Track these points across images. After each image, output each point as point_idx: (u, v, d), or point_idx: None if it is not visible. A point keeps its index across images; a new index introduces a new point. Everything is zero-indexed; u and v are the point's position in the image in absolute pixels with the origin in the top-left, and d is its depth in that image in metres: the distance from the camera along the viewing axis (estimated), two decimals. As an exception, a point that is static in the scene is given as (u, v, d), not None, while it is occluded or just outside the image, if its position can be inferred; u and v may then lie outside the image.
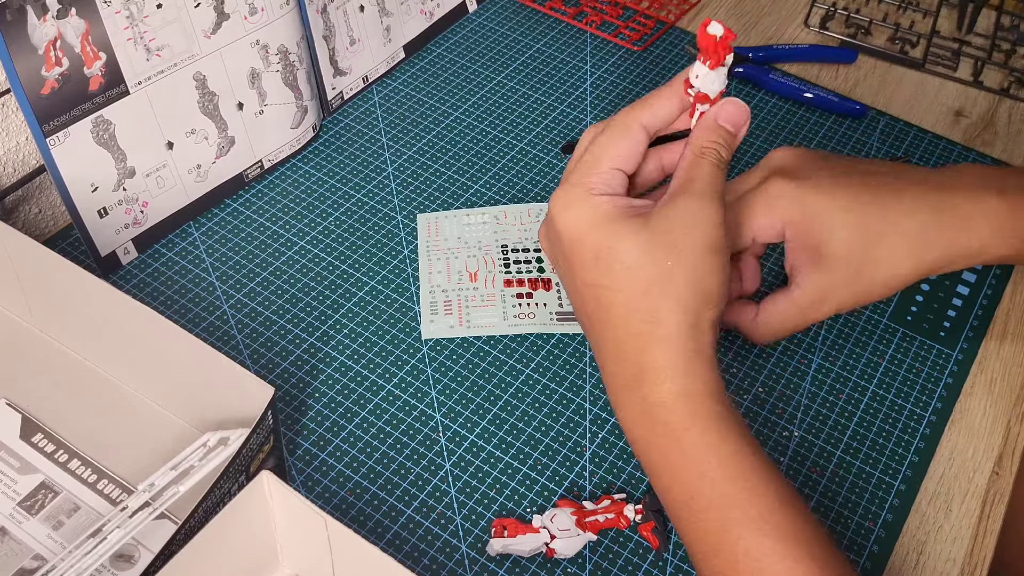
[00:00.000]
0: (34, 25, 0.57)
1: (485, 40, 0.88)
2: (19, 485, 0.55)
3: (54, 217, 0.72)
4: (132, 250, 0.68)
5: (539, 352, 0.64)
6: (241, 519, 0.47)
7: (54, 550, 0.53)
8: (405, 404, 0.61)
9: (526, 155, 0.77)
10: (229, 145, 0.71)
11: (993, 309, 0.69)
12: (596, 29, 0.89)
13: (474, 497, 0.57)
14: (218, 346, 0.63)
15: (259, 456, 0.52)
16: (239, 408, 0.52)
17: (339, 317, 0.66)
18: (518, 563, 0.54)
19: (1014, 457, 0.61)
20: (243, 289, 0.67)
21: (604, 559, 0.55)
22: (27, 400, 0.59)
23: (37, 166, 0.69)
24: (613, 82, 0.84)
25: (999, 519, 0.58)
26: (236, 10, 0.68)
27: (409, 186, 0.74)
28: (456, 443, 0.59)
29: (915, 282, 0.57)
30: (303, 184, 0.74)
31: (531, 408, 0.61)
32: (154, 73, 0.65)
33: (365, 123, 0.79)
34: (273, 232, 0.71)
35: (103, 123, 0.63)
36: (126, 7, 0.62)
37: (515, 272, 0.68)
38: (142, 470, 0.55)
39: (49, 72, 0.59)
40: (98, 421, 0.58)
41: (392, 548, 0.54)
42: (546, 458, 0.59)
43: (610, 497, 0.56)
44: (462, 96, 0.82)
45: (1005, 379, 0.65)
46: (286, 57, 0.73)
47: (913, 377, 0.65)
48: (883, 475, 0.59)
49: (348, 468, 0.58)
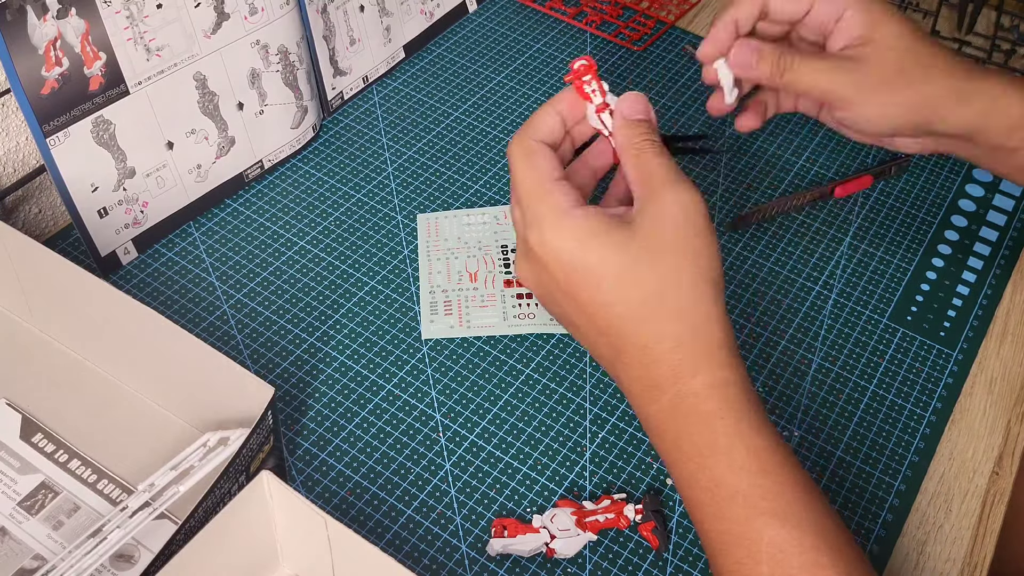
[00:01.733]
0: (34, 25, 0.57)
1: (485, 40, 0.88)
2: (19, 485, 0.55)
3: (54, 217, 0.72)
4: (132, 250, 0.68)
5: (539, 352, 0.64)
6: (241, 519, 0.47)
7: (54, 550, 0.53)
8: (405, 404, 0.61)
9: (526, 155, 0.77)
10: (229, 145, 0.71)
11: (993, 309, 0.69)
12: (596, 29, 0.89)
13: (474, 497, 0.57)
14: (218, 346, 0.63)
15: (259, 456, 0.52)
16: (239, 408, 0.52)
17: (339, 317, 0.66)
18: (518, 563, 0.54)
19: (1014, 457, 0.61)
20: (243, 289, 0.67)
21: (604, 559, 0.55)
22: (27, 400, 0.59)
23: (37, 166, 0.69)
24: (613, 82, 0.84)
25: (999, 519, 0.58)
26: (236, 10, 0.68)
27: (409, 186, 0.74)
28: (456, 443, 0.59)
29: (907, 130, 0.59)
30: (303, 184, 0.74)
31: (531, 408, 0.61)
32: (154, 73, 0.65)
33: (365, 123, 0.79)
34: (273, 232, 0.71)
35: (103, 123, 0.63)
36: (126, 7, 0.62)
37: (515, 272, 0.68)
38: (142, 470, 0.55)
39: (49, 72, 0.59)
40: (98, 421, 0.58)
41: (392, 548, 0.54)
42: (546, 458, 0.59)
43: (610, 497, 0.56)
44: (462, 96, 0.82)
45: (1005, 379, 0.65)
46: (286, 57, 0.73)
47: (913, 377, 0.65)
48: (883, 475, 0.59)
49: (348, 468, 0.58)
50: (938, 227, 0.74)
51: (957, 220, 0.75)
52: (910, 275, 0.71)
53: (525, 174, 0.51)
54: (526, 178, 0.51)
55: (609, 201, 0.55)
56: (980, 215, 0.76)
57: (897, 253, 0.72)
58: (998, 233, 0.74)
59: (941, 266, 0.72)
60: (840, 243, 0.72)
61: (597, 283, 0.48)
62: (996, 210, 0.76)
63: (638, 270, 0.48)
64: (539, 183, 0.51)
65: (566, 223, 0.49)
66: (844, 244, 0.72)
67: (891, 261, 0.72)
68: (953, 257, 0.72)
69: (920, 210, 0.75)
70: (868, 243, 0.73)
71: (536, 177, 0.51)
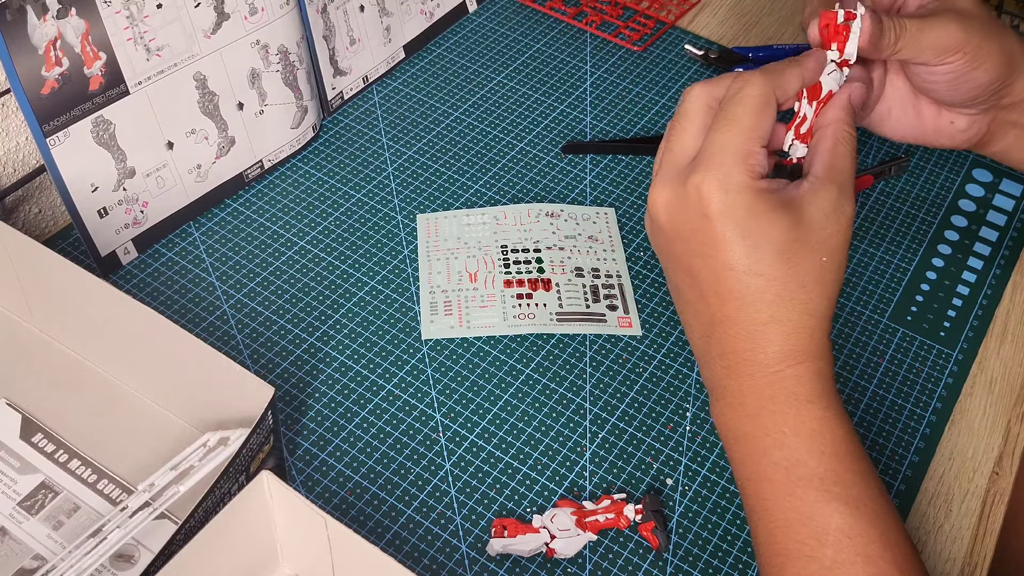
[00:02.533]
0: (34, 25, 0.57)
1: (485, 40, 0.88)
2: (19, 485, 0.55)
3: (54, 217, 0.72)
4: (132, 250, 0.68)
5: (539, 352, 0.64)
6: (241, 519, 0.47)
7: (54, 550, 0.53)
8: (405, 404, 0.61)
9: (526, 155, 0.77)
10: (229, 145, 0.71)
11: (993, 309, 0.69)
12: (596, 29, 0.89)
13: (474, 497, 0.57)
14: (218, 346, 0.63)
15: (259, 456, 0.52)
16: (239, 408, 0.52)
17: (339, 317, 0.66)
18: (518, 563, 0.54)
19: (1014, 457, 0.61)
20: (243, 289, 0.67)
21: (604, 559, 0.55)
22: (27, 400, 0.59)
23: (37, 166, 0.69)
24: (613, 82, 0.84)
25: (999, 519, 0.58)
26: (236, 10, 0.68)
27: (409, 186, 0.74)
28: (456, 443, 0.59)
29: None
30: (303, 184, 0.74)
31: (531, 408, 0.61)
32: (154, 73, 0.65)
33: (365, 123, 0.79)
34: (273, 232, 0.71)
35: (103, 123, 0.63)
36: (126, 7, 0.62)
37: (515, 272, 0.68)
38: (142, 470, 0.55)
39: (49, 72, 0.59)
40: (98, 421, 0.58)
41: (392, 548, 0.54)
42: (546, 458, 0.59)
43: (610, 497, 0.56)
44: (462, 96, 0.82)
45: (1005, 379, 0.65)
46: (286, 57, 0.73)
47: (913, 377, 0.65)
48: (883, 475, 0.59)
49: (348, 468, 0.58)
50: (938, 227, 0.74)
51: (957, 220, 0.75)
52: (910, 275, 0.71)
53: (747, 120, 0.49)
54: (744, 125, 0.49)
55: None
56: (980, 215, 0.76)
57: (897, 253, 0.72)
58: (998, 233, 0.74)
59: (941, 266, 0.72)
60: (840, 243, 0.72)
61: (747, 250, 0.48)
62: (996, 210, 0.76)
63: (794, 254, 0.48)
64: (749, 141, 0.49)
65: (752, 189, 0.48)
66: (844, 244, 0.72)
67: (891, 261, 0.72)
68: (953, 257, 0.72)
69: (920, 210, 0.75)
70: (868, 243, 0.73)
71: (752, 132, 0.49)
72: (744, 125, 0.49)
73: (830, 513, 0.46)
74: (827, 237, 0.49)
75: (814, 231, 0.49)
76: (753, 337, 0.49)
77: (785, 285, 0.48)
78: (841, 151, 0.51)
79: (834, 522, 0.46)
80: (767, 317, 0.48)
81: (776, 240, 0.48)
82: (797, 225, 0.48)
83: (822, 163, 0.51)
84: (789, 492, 0.47)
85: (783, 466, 0.48)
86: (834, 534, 0.46)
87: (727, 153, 0.49)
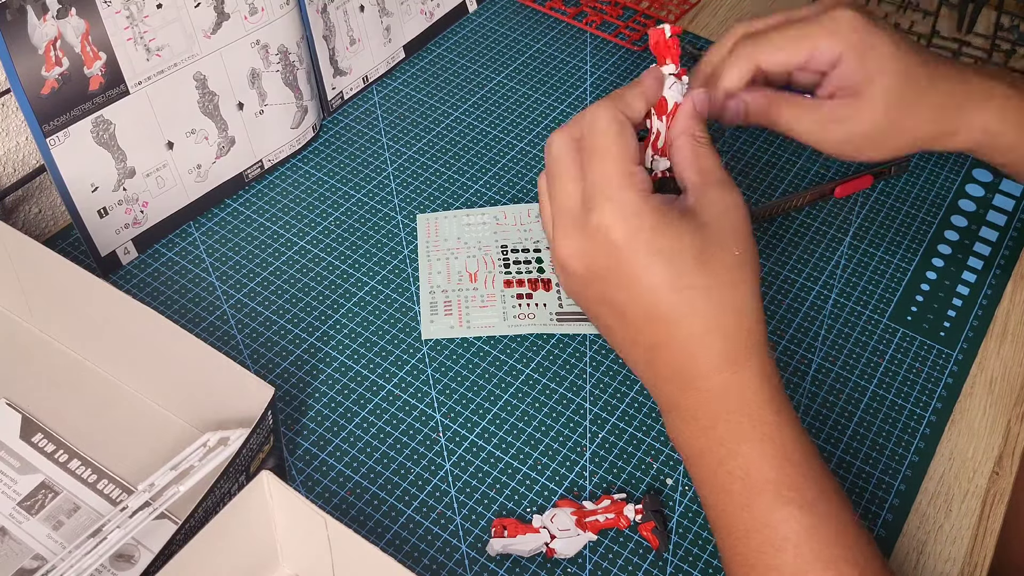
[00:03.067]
0: (34, 25, 0.57)
1: (485, 40, 0.88)
2: (19, 485, 0.55)
3: (54, 217, 0.72)
4: (132, 250, 0.68)
5: (539, 352, 0.64)
6: (241, 519, 0.47)
7: (54, 550, 0.53)
8: (405, 404, 0.61)
9: (526, 155, 0.77)
10: (229, 145, 0.71)
11: (993, 309, 0.69)
12: (596, 29, 0.89)
13: (474, 497, 0.57)
14: (218, 346, 0.63)
15: (259, 456, 0.52)
16: (239, 408, 0.52)
17: (339, 317, 0.66)
18: (518, 563, 0.54)
19: (1014, 457, 0.61)
20: (243, 289, 0.67)
21: (604, 559, 0.55)
22: (27, 400, 0.59)
23: (37, 166, 0.69)
24: (613, 82, 0.84)
25: (999, 519, 0.58)
26: (236, 10, 0.68)
27: (409, 186, 0.74)
28: (456, 443, 0.59)
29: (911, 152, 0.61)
30: (303, 184, 0.74)
31: (531, 408, 0.61)
32: (154, 73, 0.65)
33: (365, 123, 0.79)
34: (273, 232, 0.71)
35: (103, 123, 0.63)
36: (126, 7, 0.62)
37: (515, 272, 0.68)
38: (142, 470, 0.55)
39: (49, 72, 0.59)
40: (98, 421, 0.58)
41: (392, 548, 0.54)
42: (546, 458, 0.59)
43: (610, 497, 0.56)
44: (462, 96, 0.82)
45: (1005, 379, 0.65)
46: (286, 57, 0.73)
47: (913, 377, 0.65)
48: (883, 475, 0.59)
49: (348, 468, 0.58)
50: (938, 227, 0.74)
51: (957, 220, 0.75)
52: (910, 275, 0.71)
53: (614, 147, 0.50)
54: (614, 152, 0.50)
55: None
56: (980, 215, 0.76)
57: (897, 253, 0.72)
58: (998, 233, 0.74)
59: (941, 266, 0.72)
60: (840, 243, 0.72)
61: (665, 265, 0.48)
62: (996, 210, 0.76)
63: (710, 256, 0.48)
64: (624, 163, 0.49)
65: (646, 208, 0.48)
66: (844, 244, 0.72)
67: (891, 261, 0.72)
68: (953, 257, 0.72)
69: (920, 210, 0.75)
70: (868, 243, 0.73)
71: (623, 155, 0.50)
72: (614, 152, 0.50)
73: (785, 519, 0.46)
74: (732, 231, 0.49)
75: (718, 229, 0.49)
76: (694, 352, 0.49)
77: (711, 290, 0.48)
78: (702, 153, 0.52)
79: (791, 528, 0.46)
80: (702, 329, 0.49)
81: (689, 247, 0.48)
82: (702, 228, 0.49)
83: (693, 170, 0.52)
84: (746, 503, 0.47)
85: (738, 476, 0.48)
86: (792, 539, 0.46)
87: (612, 182, 0.49)
